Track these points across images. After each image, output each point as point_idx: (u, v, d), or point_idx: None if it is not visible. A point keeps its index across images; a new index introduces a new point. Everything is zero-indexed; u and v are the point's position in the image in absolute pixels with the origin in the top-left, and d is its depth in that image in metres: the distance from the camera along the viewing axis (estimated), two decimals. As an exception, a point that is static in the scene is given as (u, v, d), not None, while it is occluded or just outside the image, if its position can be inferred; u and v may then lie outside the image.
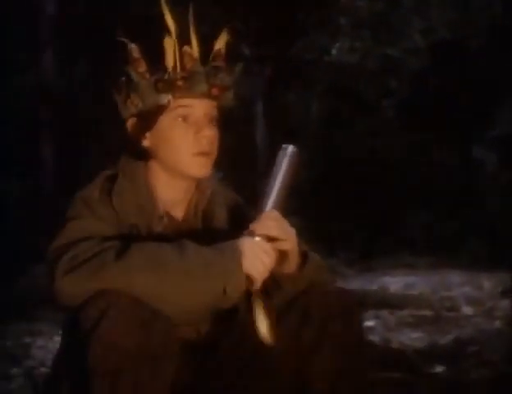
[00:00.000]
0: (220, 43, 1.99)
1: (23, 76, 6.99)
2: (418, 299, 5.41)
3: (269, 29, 5.34)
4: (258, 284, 1.86)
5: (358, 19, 6.53)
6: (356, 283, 5.88)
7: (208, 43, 2.23)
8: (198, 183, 2.04)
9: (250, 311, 1.94)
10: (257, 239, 1.86)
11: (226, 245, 1.86)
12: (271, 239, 1.92)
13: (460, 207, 7.44)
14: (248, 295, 1.96)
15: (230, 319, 1.97)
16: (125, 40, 1.97)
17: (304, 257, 1.95)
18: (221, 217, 2.05)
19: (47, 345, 4.35)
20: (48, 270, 1.81)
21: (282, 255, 1.91)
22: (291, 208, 2.08)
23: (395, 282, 5.99)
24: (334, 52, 6.32)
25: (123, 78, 1.97)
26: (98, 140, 6.70)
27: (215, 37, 2.06)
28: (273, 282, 1.96)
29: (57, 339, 4.46)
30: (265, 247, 1.87)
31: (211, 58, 1.97)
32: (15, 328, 4.67)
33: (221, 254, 1.84)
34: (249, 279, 1.86)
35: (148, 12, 6.44)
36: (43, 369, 3.79)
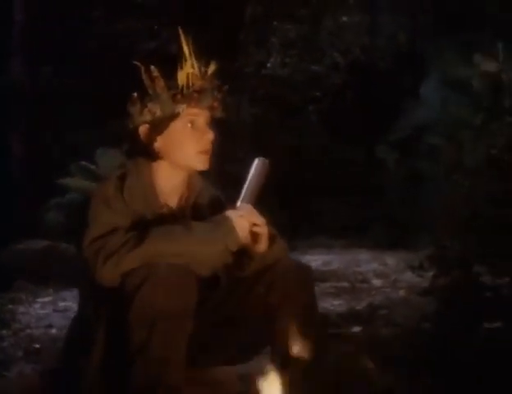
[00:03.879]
0: (214, 66, 2.23)
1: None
2: (335, 273, 5.52)
3: (215, 46, 5.49)
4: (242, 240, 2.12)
5: (287, 39, 6.72)
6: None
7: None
8: (189, 181, 2.27)
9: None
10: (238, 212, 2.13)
11: (218, 217, 2.12)
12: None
13: (366, 198, 7.57)
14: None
15: (215, 286, 2.23)
16: (141, 65, 2.21)
17: (272, 239, 2.22)
18: (205, 211, 2.30)
19: (28, 311, 4.43)
20: (88, 263, 2.03)
21: (256, 237, 2.18)
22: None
23: (315, 260, 6.04)
24: (269, 66, 6.48)
25: (135, 93, 2.19)
26: (60, 136, 6.70)
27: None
28: (246, 258, 2.23)
29: (36, 306, 4.59)
30: (245, 215, 2.12)
31: (207, 78, 2.21)
32: (-2, 297, 4.69)
33: (216, 223, 2.11)
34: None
35: (109, 16, 6.49)
36: (28, 331, 3.89)
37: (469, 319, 3.25)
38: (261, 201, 2.37)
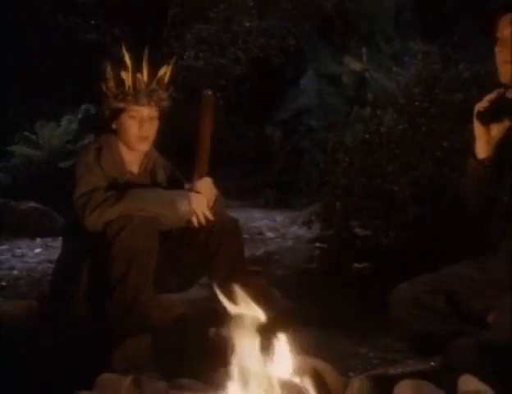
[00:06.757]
0: (162, 71, 2.46)
1: None
2: (237, 228, 5.63)
3: (141, 38, 5.51)
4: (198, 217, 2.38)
5: (200, 37, 6.87)
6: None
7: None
8: (146, 152, 2.50)
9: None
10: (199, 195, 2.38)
11: (182, 191, 2.37)
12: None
13: (258, 167, 7.74)
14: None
15: (168, 233, 2.46)
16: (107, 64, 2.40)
17: (216, 199, 2.49)
18: (160, 174, 2.53)
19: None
20: (77, 212, 2.23)
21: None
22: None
23: (218, 217, 6.15)
24: (185, 58, 6.59)
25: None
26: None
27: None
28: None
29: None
30: (202, 199, 2.38)
31: (155, 81, 2.44)
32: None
33: (179, 196, 2.35)
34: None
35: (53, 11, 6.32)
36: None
37: (345, 260, 3.62)
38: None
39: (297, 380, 1.44)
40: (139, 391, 1.45)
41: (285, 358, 1.54)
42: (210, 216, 2.40)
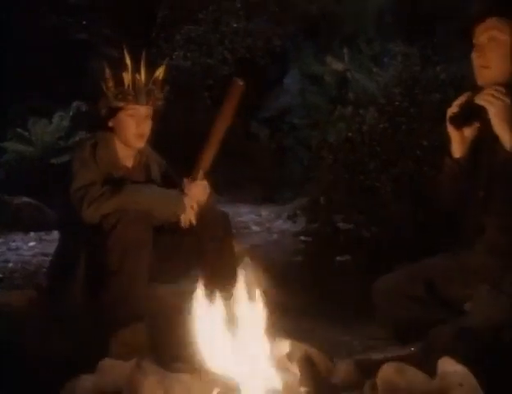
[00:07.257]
0: (158, 72, 2.50)
1: None
2: (225, 220, 5.66)
3: (132, 39, 5.54)
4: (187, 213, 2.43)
5: (189, 38, 6.90)
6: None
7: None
8: (140, 149, 2.54)
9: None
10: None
11: (174, 191, 2.43)
12: None
13: (243, 163, 7.57)
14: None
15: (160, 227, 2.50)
16: (105, 65, 2.43)
17: (208, 196, 2.54)
18: (154, 170, 2.58)
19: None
20: (75, 205, 2.26)
21: None
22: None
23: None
24: (174, 58, 6.61)
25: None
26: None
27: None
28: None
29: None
30: (190, 203, 2.43)
31: (151, 81, 2.48)
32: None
33: (173, 195, 2.40)
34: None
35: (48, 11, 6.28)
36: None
37: (328, 253, 3.62)
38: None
39: (289, 364, 1.49)
40: (141, 373, 1.49)
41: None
42: (193, 220, 2.44)
